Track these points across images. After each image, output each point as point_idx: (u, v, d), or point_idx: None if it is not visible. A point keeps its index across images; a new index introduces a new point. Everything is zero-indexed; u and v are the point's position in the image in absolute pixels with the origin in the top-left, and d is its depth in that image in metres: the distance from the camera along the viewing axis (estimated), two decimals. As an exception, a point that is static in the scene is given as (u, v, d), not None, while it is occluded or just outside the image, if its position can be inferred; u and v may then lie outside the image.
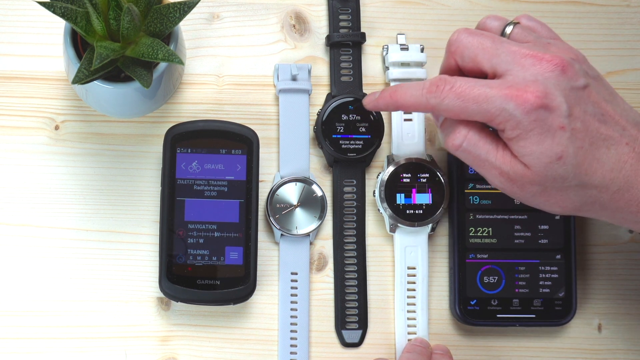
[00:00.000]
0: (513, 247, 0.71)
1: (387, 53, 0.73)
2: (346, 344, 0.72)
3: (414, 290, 0.72)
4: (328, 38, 0.74)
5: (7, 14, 0.73)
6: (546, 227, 0.71)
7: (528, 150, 0.58)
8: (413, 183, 0.71)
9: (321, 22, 0.75)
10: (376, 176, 0.73)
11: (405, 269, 0.72)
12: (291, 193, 0.71)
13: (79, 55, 0.65)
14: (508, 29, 0.63)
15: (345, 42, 0.74)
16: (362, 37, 0.74)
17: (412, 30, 0.75)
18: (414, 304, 0.72)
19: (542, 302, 0.71)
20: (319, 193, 0.71)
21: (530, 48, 0.59)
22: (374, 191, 0.72)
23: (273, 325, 0.71)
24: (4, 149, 0.72)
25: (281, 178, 0.71)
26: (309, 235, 0.71)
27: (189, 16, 0.64)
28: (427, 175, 0.71)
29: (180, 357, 0.70)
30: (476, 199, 0.72)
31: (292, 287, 0.71)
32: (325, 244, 0.73)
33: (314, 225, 0.71)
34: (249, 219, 0.69)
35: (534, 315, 0.71)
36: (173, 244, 0.68)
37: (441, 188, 0.71)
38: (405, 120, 0.73)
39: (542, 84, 0.58)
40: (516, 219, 0.71)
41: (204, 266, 0.68)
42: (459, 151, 0.61)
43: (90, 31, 0.63)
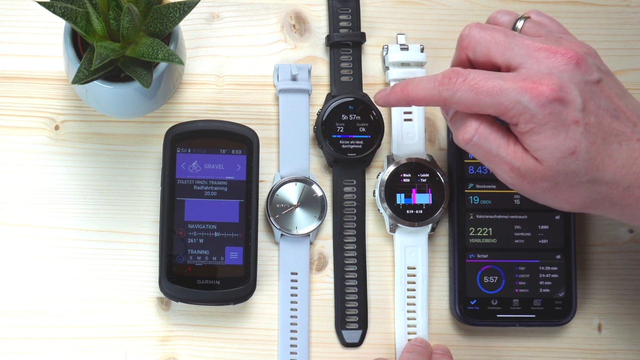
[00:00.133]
0: (513, 247, 0.71)
1: (387, 53, 0.73)
2: (346, 344, 0.72)
3: (414, 290, 0.72)
4: (328, 38, 0.74)
5: (7, 14, 0.73)
6: (546, 227, 0.71)
7: (541, 144, 0.57)
8: (413, 183, 0.71)
9: (321, 22, 0.75)
10: (376, 176, 0.73)
11: (405, 269, 0.72)
12: (291, 193, 0.71)
13: (79, 55, 0.65)
14: (519, 23, 0.62)
15: (345, 42, 0.74)
16: (362, 37, 0.74)
17: (412, 30, 0.75)
18: (414, 304, 0.72)
19: (542, 302, 0.71)
20: (319, 193, 0.71)
21: (543, 42, 0.59)
22: (374, 191, 0.72)
23: (273, 325, 0.71)
24: (4, 149, 0.72)
25: (281, 178, 0.71)
26: (309, 235, 0.71)
27: (189, 16, 0.64)
28: (427, 175, 0.71)
29: (180, 357, 0.70)
30: (476, 199, 0.72)
31: (292, 287, 0.71)
32: (325, 244, 0.73)
33: (314, 225, 0.71)
34: (249, 219, 0.69)
35: (534, 315, 0.71)
36: (173, 244, 0.68)
37: (441, 188, 0.71)
38: (405, 120, 0.73)
39: (557, 77, 0.57)
40: (516, 219, 0.71)
41: (204, 266, 0.68)
42: (470, 145, 0.60)
43: (90, 31, 0.63)
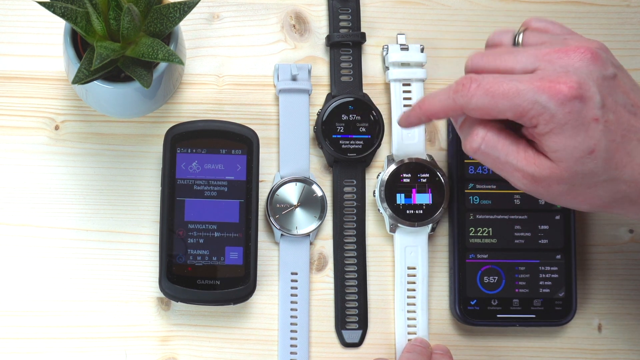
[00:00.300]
0: (513, 247, 0.71)
1: (387, 53, 0.73)
2: (346, 344, 0.72)
3: (414, 290, 0.72)
4: (328, 38, 0.74)
5: (7, 14, 0.73)
6: (546, 227, 0.71)
7: (561, 144, 0.56)
8: (413, 183, 0.71)
9: (321, 22, 0.75)
10: (376, 176, 0.73)
11: (405, 269, 0.72)
12: (291, 193, 0.71)
13: (79, 55, 0.65)
14: (519, 37, 0.60)
15: (345, 42, 0.74)
16: (362, 37, 0.74)
17: (412, 30, 0.75)
18: (414, 304, 0.71)
19: (542, 302, 0.71)
20: (319, 193, 0.71)
21: (550, 47, 0.57)
22: (374, 191, 0.72)
23: (273, 325, 0.71)
24: (4, 149, 0.72)
25: (281, 178, 0.71)
26: (309, 235, 0.71)
27: (189, 16, 0.64)
28: (427, 175, 0.71)
29: (180, 357, 0.70)
30: (476, 199, 0.72)
31: (292, 287, 0.71)
32: (325, 244, 0.73)
33: (314, 225, 0.71)
34: (249, 219, 0.69)
35: (534, 315, 0.71)
36: (173, 244, 0.68)
37: (441, 188, 0.71)
38: (405, 120, 0.73)
39: (574, 74, 0.55)
40: (516, 219, 0.71)
41: (204, 266, 0.68)
42: (478, 154, 0.59)
43: (90, 31, 0.63)
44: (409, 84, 0.73)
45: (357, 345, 0.72)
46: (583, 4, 0.76)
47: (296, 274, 0.71)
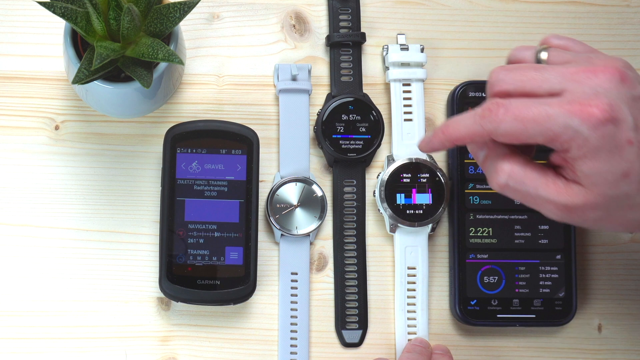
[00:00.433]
0: (513, 247, 0.71)
1: (387, 53, 0.73)
2: (346, 344, 0.72)
3: (414, 290, 0.72)
4: (328, 38, 0.74)
5: (7, 14, 0.73)
6: (546, 227, 0.71)
7: (595, 169, 0.54)
8: (413, 183, 0.71)
9: (321, 22, 0.75)
10: (376, 176, 0.73)
11: (405, 269, 0.72)
12: (291, 193, 0.71)
13: (79, 55, 0.65)
14: (543, 55, 0.59)
15: (345, 42, 0.74)
16: (362, 37, 0.74)
17: (412, 30, 0.75)
18: (414, 304, 0.71)
19: (542, 302, 0.71)
20: (319, 193, 0.71)
21: (576, 66, 0.56)
22: (374, 191, 0.72)
23: (273, 325, 0.71)
24: (4, 149, 0.72)
25: (281, 178, 0.71)
26: (309, 235, 0.71)
27: (189, 16, 0.64)
28: (427, 175, 0.71)
29: (180, 357, 0.70)
30: (476, 199, 0.72)
31: (292, 287, 0.71)
32: (325, 244, 0.73)
33: (314, 225, 0.71)
34: (249, 219, 0.69)
35: (534, 316, 0.71)
36: (173, 244, 0.68)
37: (441, 188, 0.71)
38: (405, 120, 0.73)
39: (604, 96, 0.53)
40: (516, 219, 0.71)
41: (204, 266, 0.68)
42: (506, 190, 0.57)
43: (90, 31, 0.63)
44: (409, 84, 0.73)
45: (357, 345, 0.72)
46: (583, 4, 0.76)
47: (296, 274, 0.71)
